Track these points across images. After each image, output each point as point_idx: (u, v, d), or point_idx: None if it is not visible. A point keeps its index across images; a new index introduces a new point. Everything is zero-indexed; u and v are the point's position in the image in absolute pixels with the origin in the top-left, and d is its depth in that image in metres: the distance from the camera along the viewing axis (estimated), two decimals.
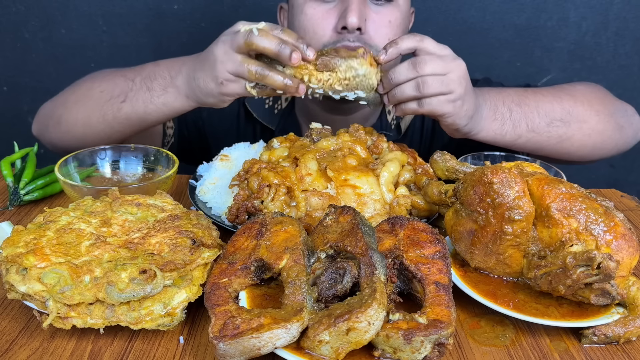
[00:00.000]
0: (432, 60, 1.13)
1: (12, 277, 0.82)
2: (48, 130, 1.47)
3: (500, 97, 1.31)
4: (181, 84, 1.27)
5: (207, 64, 1.20)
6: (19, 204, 1.24)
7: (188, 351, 0.82)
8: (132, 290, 0.80)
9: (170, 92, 1.29)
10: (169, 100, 1.30)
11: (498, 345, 0.85)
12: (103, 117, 1.35)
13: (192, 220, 0.97)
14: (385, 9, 1.40)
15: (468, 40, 2.27)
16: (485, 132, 1.28)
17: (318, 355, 0.74)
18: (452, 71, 1.14)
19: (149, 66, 1.35)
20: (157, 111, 1.32)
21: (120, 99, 1.34)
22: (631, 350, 0.85)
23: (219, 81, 1.18)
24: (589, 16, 2.24)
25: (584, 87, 1.45)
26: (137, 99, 1.32)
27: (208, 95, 1.22)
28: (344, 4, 1.34)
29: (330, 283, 0.81)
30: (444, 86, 1.13)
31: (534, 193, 0.88)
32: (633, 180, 2.54)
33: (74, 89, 1.45)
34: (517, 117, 1.30)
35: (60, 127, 1.42)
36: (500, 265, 0.92)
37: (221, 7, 2.25)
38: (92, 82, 1.42)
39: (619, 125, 1.42)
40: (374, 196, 1.08)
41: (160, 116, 1.33)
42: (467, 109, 1.19)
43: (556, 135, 1.34)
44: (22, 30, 2.31)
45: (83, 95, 1.41)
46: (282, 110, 1.67)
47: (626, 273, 0.86)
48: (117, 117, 1.35)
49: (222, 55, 1.16)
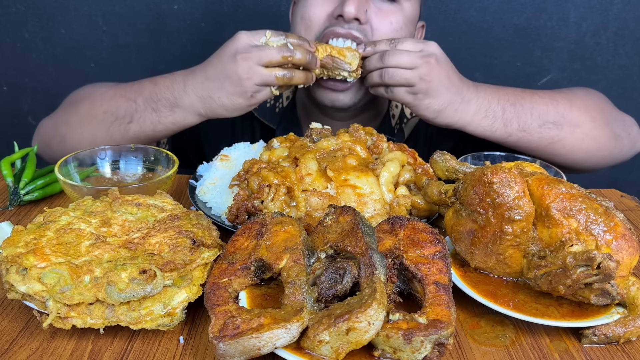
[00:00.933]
0: (399, 54, 1.27)
1: (12, 277, 0.82)
2: (52, 148, 1.48)
3: (496, 96, 1.35)
4: (189, 104, 1.32)
5: (227, 82, 1.26)
6: (19, 204, 1.24)
7: (188, 351, 0.82)
8: (132, 290, 0.80)
9: (178, 113, 1.34)
10: (177, 119, 1.35)
11: (498, 345, 0.85)
12: (110, 138, 1.39)
13: (192, 220, 0.97)
14: (389, 8, 1.42)
15: (468, 40, 2.27)
16: (473, 127, 1.34)
17: (318, 355, 0.74)
18: (418, 67, 1.26)
19: (146, 85, 1.38)
20: (166, 129, 1.37)
21: (126, 120, 1.37)
22: (631, 350, 0.85)
23: (248, 95, 1.27)
24: (589, 16, 2.24)
25: (584, 94, 1.46)
26: (145, 120, 1.36)
27: (234, 111, 1.30)
28: None
29: (330, 283, 0.81)
30: (404, 79, 1.27)
31: (534, 193, 0.88)
32: (633, 180, 2.54)
33: (75, 108, 1.47)
34: (510, 117, 1.34)
35: (65, 146, 1.43)
36: (500, 265, 0.92)
37: (221, 7, 2.25)
38: (92, 102, 1.44)
39: (615, 134, 1.42)
40: (374, 196, 1.08)
41: (169, 132, 1.39)
42: (431, 103, 1.30)
43: (547, 137, 1.36)
44: (22, 30, 2.31)
45: (86, 115, 1.43)
46: (284, 109, 1.67)
47: (626, 273, 0.86)
48: (126, 136, 1.39)
49: (246, 72, 1.24)
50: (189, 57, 2.29)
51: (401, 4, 1.43)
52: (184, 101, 1.32)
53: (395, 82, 1.28)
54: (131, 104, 1.37)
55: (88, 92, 1.49)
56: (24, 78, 2.40)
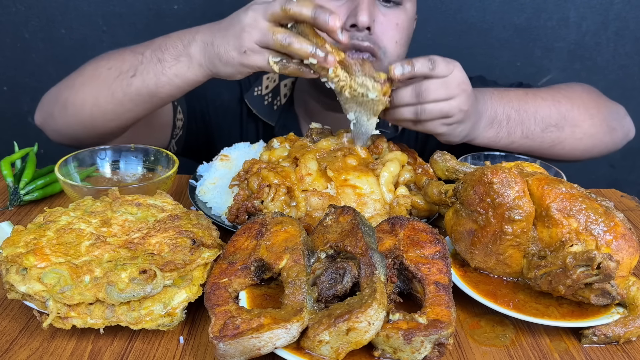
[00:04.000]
0: (436, 88, 1.12)
1: (12, 277, 0.82)
2: (53, 116, 1.41)
3: (501, 104, 1.31)
4: (195, 52, 1.22)
5: (231, 30, 1.15)
6: (19, 204, 1.24)
7: (188, 351, 0.82)
8: (132, 290, 0.80)
9: (182, 62, 1.23)
10: (181, 70, 1.23)
11: (498, 345, 0.85)
12: (112, 96, 1.29)
13: (192, 220, 0.97)
14: (393, 12, 1.40)
15: (468, 40, 2.27)
16: (480, 140, 1.30)
17: (318, 355, 0.74)
18: (455, 97, 1.14)
19: (159, 38, 1.29)
20: (169, 83, 1.25)
21: (130, 73, 1.28)
22: (631, 350, 0.85)
23: (243, 50, 1.13)
24: (589, 16, 2.24)
25: (581, 90, 1.46)
26: (148, 71, 1.26)
27: (227, 65, 1.17)
28: (354, 2, 1.34)
29: (330, 283, 0.81)
30: (443, 113, 1.14)
31: (534, 193, 0.88)
32: (633, 180, 2.54)
33: (80, 71, 1.39)
34: (514, 125, 1.32)
35: (67, 111, 1.35)
36: (500, 265, 0.92)
37: (221, 7, 2.24)
38: (99, 62, 1.36)
39: (611, 127, 1.43)
40: (374, 196, 1.08)
41: (172, 89, 1.27)
42: (463, 129, 1.21)
43: (549, 140, 1.36)
44: (22, 30, 2.31)
45: (90, 75, 1.35)
46: (282, 106, 1.67)
47: (626, 273, 0.86)
48: (128, 93, 1.28)
49: (250, 23, 1.12)
50: None
51: (404, 5, 1.43)
52: (190, 48, 1.23)
53: (435, 117, 1.15)
54: (138, 56, 1.28)
55: (101, 55, 1.41)
56: (24, 78, 2.40)
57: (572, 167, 1.53)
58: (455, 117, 1.16)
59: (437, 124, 1.16)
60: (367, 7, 1.32)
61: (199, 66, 1.22)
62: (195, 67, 1.22)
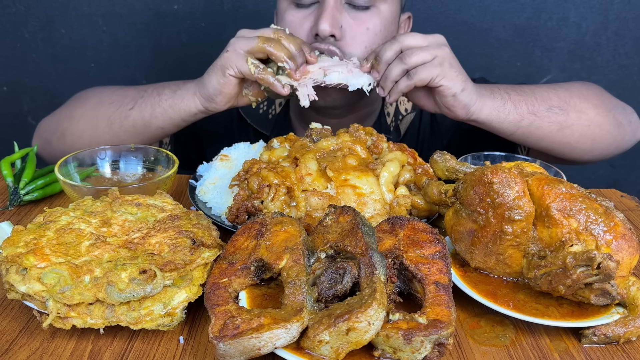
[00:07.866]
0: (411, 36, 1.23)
1: (12, 277, 0.82)
2: (51, 144, 1.47)
3: (496, 86, 1.35)
4: (191, 85, 1.34)
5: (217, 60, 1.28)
6: (19, 204, 1.24)
7: (188, 351, 0.82)
8: (132, 290, 0.80)
9: (178, 94, 1.34)
10: (176, 101, 1.34)
11: (498, 345, 0.85)
12: (110, 127, 1.37)
13: (192, 220, 0.97)
14: (364, 15, 1.38)
15: (468, 40, 2.27)
16: (488, 109, 1.30)
17: (318, 355, 0.74)
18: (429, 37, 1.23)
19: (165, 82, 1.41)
20: (163, 114, 1.35)
21: (129, 106, 1.37)
22: (631, 350, 0.85)
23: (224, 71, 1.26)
24: (589, 16, 2.24)
25: (580, 85, 1.47)
26: (146, 104, 1.36)
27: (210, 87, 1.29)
28: (319, 10, 1.34)
29: (330, 283, 0.81)
30: (427, 54, 1.21)
31: (534, 193, 0.88)
32: (633, 180, 2.54)
33: (79, 102, 1.47)
34: (516, 99, 1.33)
35: (65, 141, 1.42)
36: (500, 265, 0.92)
37: (221, 7, 2.25)
38: (101, 96, 1.44)
39: (618, 121, 1.43)
40: (374, 196, 1.08)
41: (165, 120, 1.36)
42: (458, 70, 1.24)
43: (556, 122, 1.35)
44: (22, 30, 2.31)
45: (91, 108, 1.43)
46: (277, 115, 1.67)
47: (626, 273, 0.86)
48: (124, 124, 1.37)
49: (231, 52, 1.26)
50: (189, 57, 2.30)
51: (377, 7, 1.40)
52: (187, 84, 1.35)
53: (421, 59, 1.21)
54: (141, 92, 1.38)
55: (98, 90, 1.50)
56: (24, 78, 2.41)
57: (572, 167, 1.53)
58: (440, 55, 1.21)
59: (427, 66, 1.21)
60: (328, 15, 1.32)
61: (193, 95, 1.33)
62: (190, 96, 1.34)
